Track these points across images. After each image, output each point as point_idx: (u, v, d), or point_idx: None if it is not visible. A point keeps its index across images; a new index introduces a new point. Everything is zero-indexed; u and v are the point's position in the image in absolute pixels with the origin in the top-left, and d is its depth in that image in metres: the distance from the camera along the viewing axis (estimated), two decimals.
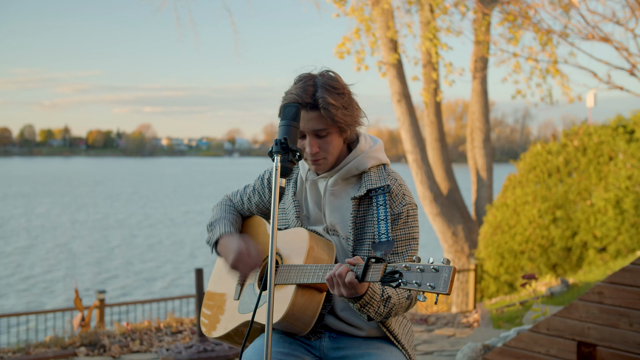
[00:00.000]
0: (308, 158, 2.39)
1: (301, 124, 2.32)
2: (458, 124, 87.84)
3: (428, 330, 7.43)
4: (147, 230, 33.21)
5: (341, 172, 2.40)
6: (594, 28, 9.03)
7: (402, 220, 2.34)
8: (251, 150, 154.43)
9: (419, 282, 1.88)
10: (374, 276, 2.01)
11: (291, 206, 2.49)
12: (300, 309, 2.29)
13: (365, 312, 2.21)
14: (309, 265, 2.27)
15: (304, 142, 2.36)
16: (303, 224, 2.45)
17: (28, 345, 6.24)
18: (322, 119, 2.31)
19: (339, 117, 2.30)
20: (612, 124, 11.17)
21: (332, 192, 2.43)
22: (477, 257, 12.15)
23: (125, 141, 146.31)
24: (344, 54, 12.06)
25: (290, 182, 2.54)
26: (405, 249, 2.34)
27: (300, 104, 2.29)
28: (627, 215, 10.22)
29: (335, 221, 2.40)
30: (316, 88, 2.30)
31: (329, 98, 2.28)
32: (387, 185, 2.36)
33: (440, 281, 1.85)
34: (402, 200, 2.36)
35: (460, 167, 22.23)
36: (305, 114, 2.31)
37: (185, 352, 5.66)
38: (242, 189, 2.72)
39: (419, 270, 1.90)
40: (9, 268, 22.64)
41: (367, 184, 2.37)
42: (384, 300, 2.22)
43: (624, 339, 3.46)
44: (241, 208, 2.70)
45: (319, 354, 2.42)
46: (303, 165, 2.52)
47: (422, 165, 12.70)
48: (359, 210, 2.37)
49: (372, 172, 2.40)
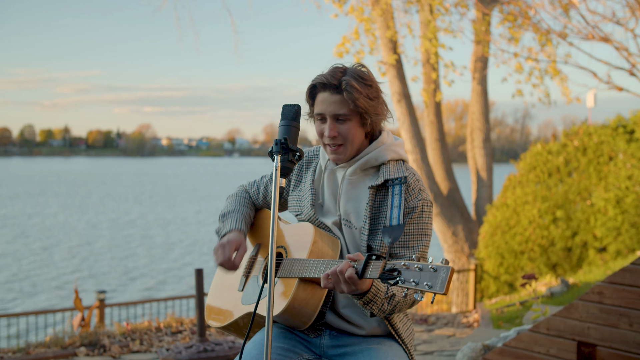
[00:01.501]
0: (327, 143, 2.40)
1: (323, 107, 2.36)
2: (458, 124, 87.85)
3: (428, 330, 7.44)
4: (166, 229, 33.31)
5: (360, 162, 2.41)
6: (594, 28, 9.03)
7: (416, 214, 2.34)
8: (251, 150, 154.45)
9: (417, 280, 1.90)
10: (373, 273, 2.02)
11: (308, 193, 2.49)
12: (302, 303, 2.30)
13: (369, 308, 2.22)
14: (312, 259, 2.28)
15: (323, 125, 2.39)
16: (316, 213, 2.45)
17: (28, 345, 6.24)
18: (344, 104, 2.33)
19: (360, 102, 2.31)
20: (612, 124, 11.17)
21: (350, 182, 2.43)
22: (477, 257, 12.15)
23: (125, 141, 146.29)
24: (344, 54, 12.06)
25: (309, 170, 2.56)
26: (417, 244, 2.34)
27: (326, 84, 2.33)
28: (627, 215, 10.22)
29: (350, 210, 2.40)
30: (344, 74, 2.34)
31: (354, 83, 2.31)
32: (404, 177, 2.37)
33: (438, 281, 1.86)
34: (419, 194, 2.36)
35: (460, 167, 22.24)
36: (329, 97, 2.34)
37: (185, 352, 5.66)
38: (258, 179, 2.74)
39: (418, 269, 1.91)
40: (37, 266, 22.74)
41: (385, 174, 2.38)
42: (388, 298, 2.23)
43: (624, 339, 3.46)
44: (256, 197, 2.71)
45: (318, 351, 2.43)
46: (323, 154, 2.52)
47: (422, 165, 12.69)
48: (375, 200, 2.37)
49: (391, 164, 2.41)
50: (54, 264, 23.63)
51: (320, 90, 2.37)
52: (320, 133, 2.41)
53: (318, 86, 2.37)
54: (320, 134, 2.41)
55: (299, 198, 2.54)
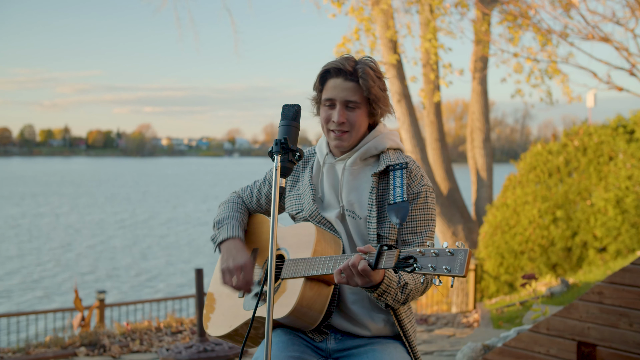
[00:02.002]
0: (332, 129, 2.39)
1: (334, 92, 2.36)
2: (458, 124, 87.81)
3: (428, 330, 7.43)
4: (166, 229, 33.34)
5: (360, 152, 2.41)
6: (594, 28, 9.03)
7: (421, 200, 2.35)
8: (251, 150, 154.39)
9: (435, 266, 1.88)
10: (387, 263, 2.00)
11: (307, 189, 2.48)
12: (309, 303, 2.28)
13: (383, 300, 2.20)
14: (318, 257, 2.26)
15: (331, 111, 2.38)
16: (317, 207, 2.43)
17: (28, 345, 6.24)
18: (357, 91, 2.34)
19: (374, 91, 2.33)
20: (612, 124, 11.16)
21: (351, 172, 2.43)
22: (477, 257, 12.15)
23: (125, 141, 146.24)
24: (344, 54, 12.04)
25: (306, 168, 2.54)
26: (424, 229, 2.34)
27: (341, 69, 2.34)
28: (627, 215, 10.22)
29: (354, 200, 2.39)
30: (358, 62, 2.37)
31: (369, 70, 2.33)
32: (405, 163, 2.37)
33: (457, 264, 1.85)
34: (421, 180, 2.37)
35: (460, 167, 22.23)
36: (342, 83, 2.35)
37: (185, 352, 5.66)
38: (251, 184, 2.73)
39: (434, 254, 1.89)
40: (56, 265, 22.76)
41: (385, 161, 2.38)
42: (402, 287, 2.22)
43: (624, 339, 3.46)
44: (250, 202, 2.69)
45: (325, 354, 2.41)
46: (320, 150, 2.51)
47: (422, 165, 12.69)
48: (379, 187, 2.37)
49: (390, 152, 2.43)
50: (57, 264, 23.63)
51: (334, 76, 2.37)
52: (327, 119, 2.40)
53: (332, 71, 2.37)
54: (327, 120, 2.40)
55: (297, 196, 2.52)
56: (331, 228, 2.41)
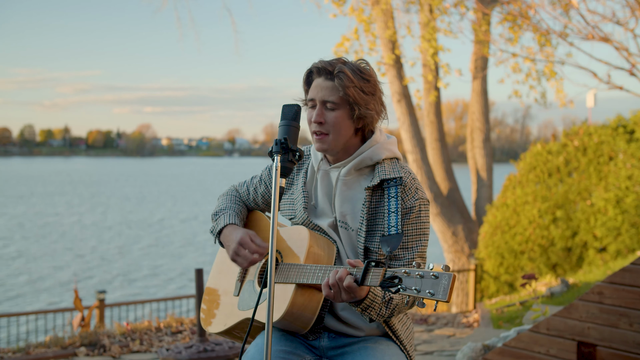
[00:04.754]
0: (313, 130, 2.37)
1: (314, 92, 2.34)
2: (458, 124, 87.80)
3: (428, 330, 7.43)
4: (166, 229, 33.35)
5: (355, 162, 2.37)
6: (593, 28, 9.03)
7: (413, 214, 2.30)
8: (251, 150, 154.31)
9: (418, 288, 1.87)
10: (373, 280, 2.00)
11: (300, 196, 2.46)
12: (300, 308, 2.28)
13: (367, 314, 2.20)
14: (309, 265, 2.26)
15: (313, 112, 2.36)
16: (309, 215, 2.42)
17: (28, 345, 6.24)
18: (334, 91, 2.30)
19: (350, 92, 2.28)
20: (612, 124, 11.17)
21: (345, 182, 2.39)
22: (477, 257, 12.15)
23: (125, 141, 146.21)
24: (343, 53, 12.05)
25: (300, 171, 2.52)
26: (415, 244, 2.30)
27: (321, 68, 2.32)
28: (627, 215, 10.22)
29: (346, 212, 2.36)
30: (343, 62, 2.33)
31: (347, 71, 2.29)
32: (400, 177, 2.33)
33: (440, 288, 1.84)
34: (415, 194, 2.32)
35: (460, 167, 22.22)
36: (322, 82, 2.32)
37: (185, 352, 5.66)
38: (249, 180, 2.70)
39: (419, 276, 1.88)
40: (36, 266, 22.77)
41: (380, 174, 2.33)
42: (386, 302, 2.21)
43: (624, 339, 3.46)
44: (247, 198, 2.67)
45: (319, 352, 2.42)
46: (315, 154, 2.48)
47: (422, 165, 12.69)
48: (372, 201, 2.33)
49: (386, 163, 2.37)
50: (57, 263, 23.62)
51: (316, 75, 2.36)
52: (309, 119, 2.37)
53: (314, 71, 2.36)
54: (309, 121, 2.38)
55: (291, 201, 2.50)
56: (325, 234, 2.40)
